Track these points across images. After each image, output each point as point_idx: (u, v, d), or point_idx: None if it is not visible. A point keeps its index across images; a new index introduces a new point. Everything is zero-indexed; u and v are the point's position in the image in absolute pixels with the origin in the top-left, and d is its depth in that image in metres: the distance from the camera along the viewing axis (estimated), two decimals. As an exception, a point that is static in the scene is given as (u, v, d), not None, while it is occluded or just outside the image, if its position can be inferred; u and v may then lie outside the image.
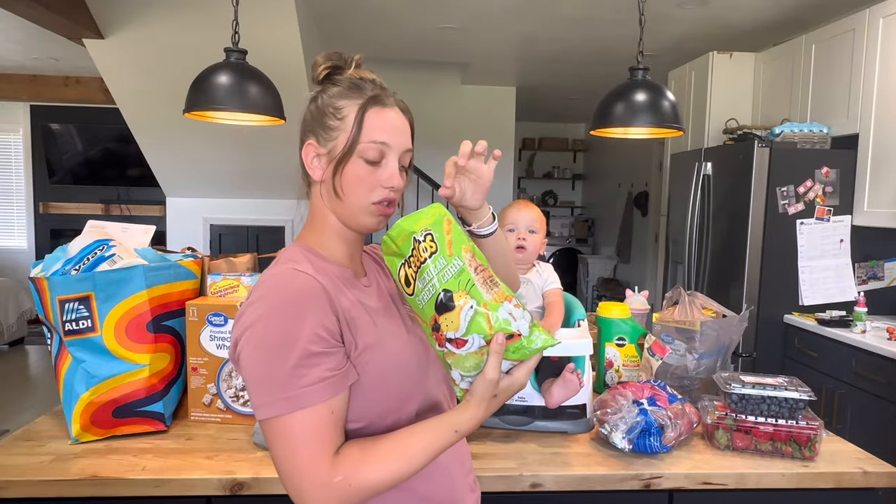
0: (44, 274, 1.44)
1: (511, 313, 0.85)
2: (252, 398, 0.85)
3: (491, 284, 0.88)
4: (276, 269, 0.91)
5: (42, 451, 1.37)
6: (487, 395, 0.86)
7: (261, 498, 1.28)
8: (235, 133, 4.36)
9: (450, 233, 0.90)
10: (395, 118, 0.96)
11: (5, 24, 4.35)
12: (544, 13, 3.93)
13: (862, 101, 3.01)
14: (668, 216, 4.15)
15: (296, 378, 0.83)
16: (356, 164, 0.94)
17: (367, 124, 0.93)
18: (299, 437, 0.83)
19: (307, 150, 0.97)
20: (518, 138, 7.73)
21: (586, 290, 7.48)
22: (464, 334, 0.85)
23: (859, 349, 2.63)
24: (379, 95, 0.95)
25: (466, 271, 0.87)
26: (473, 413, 0.87)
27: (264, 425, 0.85)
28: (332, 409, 0.85)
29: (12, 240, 7.03)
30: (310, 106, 0.98)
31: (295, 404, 0.83)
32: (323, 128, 0.95)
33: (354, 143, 0.93)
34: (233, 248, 5.47)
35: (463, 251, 0.89)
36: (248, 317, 0.87)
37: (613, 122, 1.99)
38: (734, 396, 1.43)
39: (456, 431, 0.87)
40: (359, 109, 0.93)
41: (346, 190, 0.94)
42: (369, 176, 0.94)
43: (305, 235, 1.00)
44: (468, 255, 0.89)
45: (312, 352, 0.84)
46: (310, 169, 0.97)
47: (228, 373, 1.53)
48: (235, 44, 2.17)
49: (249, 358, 0.85)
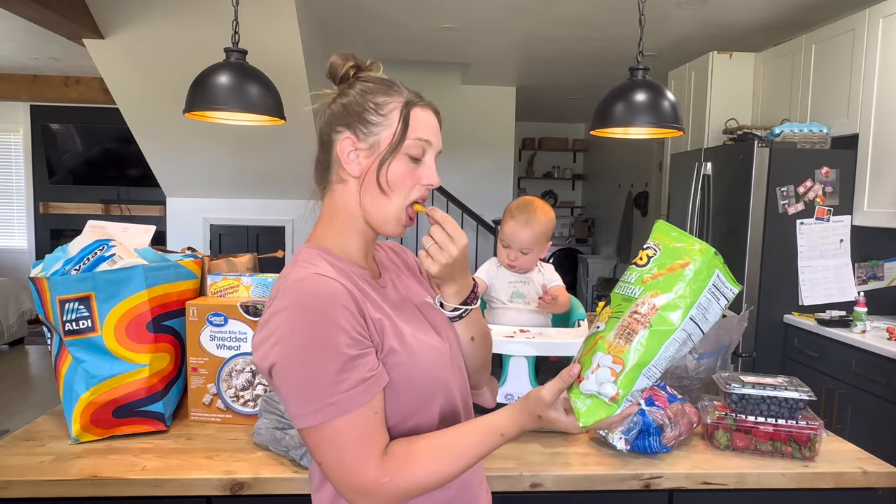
0: (44, 274, 1.44)
1: (640, 389, 0.83)
2: (291, 409, 0.85)
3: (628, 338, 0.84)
4: (297, 275, 0.89)
5: (42, 451, 1.37)
6: (535, 410, 0.87)
7: (261, 498, 1.28)
8: (235, 133, 4.36)
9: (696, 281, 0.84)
10: (431, 119, 0.98)
11: (5, 24, 4.35)
12: (544, 13, 3.93)
13: (862, 101, 3.01)
14: (668, 216, 4.15)
15: (337, 384, 0.83)
16: (401, 161, 0.94)
17: (413, 122, 0.94)
18: (347, 441, 0.83)
19: (344, 145, 0.95)
20: (518, 138, 7.72)
21: (586, 290, 7.47)
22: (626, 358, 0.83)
23: (859, 349, 2.63)
24: (416, 96, 0.97)
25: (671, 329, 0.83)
26: (518, 419, 0.88)
27: (308, 433, 0.85)
28: (375, 409, 0.86)
29: (12, 240, 7.03)
30: (340, 100, 0.97)
31: (340, 409, 0.83)
32: (362, 122, 0.95)
33: (401, 139, 0.94)
34: (233, 248, 5.47)
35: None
36: (276, 326, 0.85)
37: (613, 122, 1.99)
38: (734, 396, 1.43)
39: (502, 435, 0.88)
40: (403, 107, 0.95)
41: (392, 186, 0.94)
42: (412, 173, 0.95)
43: (321, 234, 0.99)
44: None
45: (350, 355, 0.84)
46: (347, 163, 0.95)
47: (228, 373, 1.53)
48: (235, 44, 2.17)
49: (285, 369, 0.84)
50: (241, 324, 1.52)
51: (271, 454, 1.36)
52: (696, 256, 0.83)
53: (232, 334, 1.52)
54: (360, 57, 1.00)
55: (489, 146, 6.36)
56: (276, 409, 1.38)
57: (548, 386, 0.87)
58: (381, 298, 0.96)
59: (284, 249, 5.38)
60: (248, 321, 1.52)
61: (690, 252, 0.84)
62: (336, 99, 0.98)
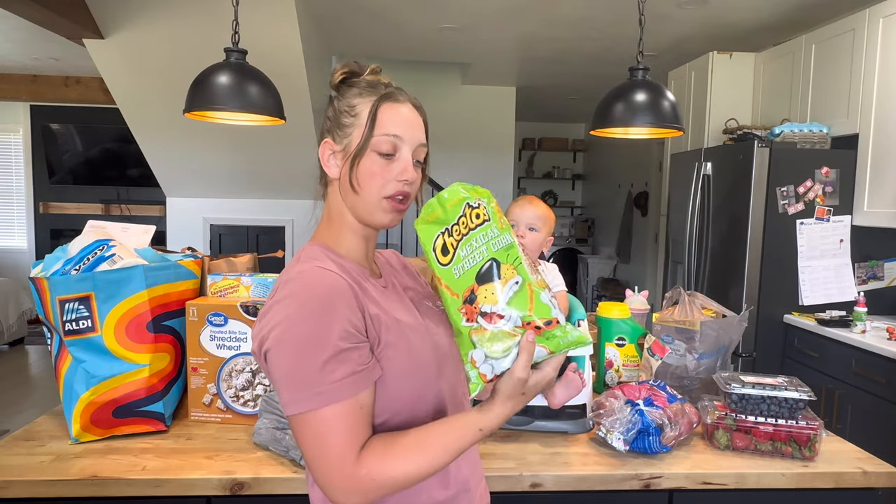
0: (44, 274, 1.44)
1: (551, 300, 0.83)
2: (281, 394, 0.86)
3: (533, 269, 0.85)
4: (301, 268, 0.91)
5: (42, 451, 1.37)
6: (515, 392, 0.86)
7: (261, 498, 1.28)
8: (235, 133, 4.36)
9: (499, 212, 0.88)
10: (407, 113, 0.97)
11: (5, 24, 4.35)
12: (544, 13, 3.93)
13: (862, 102, 3.01)
14: (668, 216, 4.15)
15: (326, 374, 0.84)
16: (370, 158, 0.95)
17: (380, 118, 0.95)
18: (329, 432, 0.84)
19: (323, 149, 0.99)
20: (518, 138, 7.72)
21: (586, 290, 7.48)
22: (502, 309, 0.82)
23: (859, 349, 2.63)
24: (392, 92, 0.97)
25: (515, 248, 0.85)
26: (499, 411, 0.87)
27: (294, 421, 0.86)
28: (361, 403, 0.86)
29: (12, 240, 7.03)
30: (327, 110, 1.00)
31: (326, 399, 0.84)
32: (338, 126, 0.97)
33: (368, 138, 0.94)
34: (233, 248, 5.47)
35: (511, 232, 0.87)
36: (275, 314, 0.87)
37: (613, 122, 1.99)
38: (734, 396, 1.43)
39: (480, 430, 0.87)
40: (372, 105, 0.95)
41: (362, 184, 0.95)
42: (383, 170, 0.95)
43: (322, 234, 1.01)
44: (515, 237, 0.86)
45: (342, 348, 0.85)
46: (326, 167, 0.99)
47: (228, 373, 1.53)
48: (235, 44, 2.17)
49: (279, 355, 0.86)
50: (241, 324, 1.52)
51: (271, 454, 1.36)
52: (484, 194, 0.90)
53: (232, 334, 1.52)
54: (364, 63, 1.01)
55: (489, 146, 6.36)
56: (276, 409, 1.38)
57: (516, 365, 0.84)
58: (381, 296, 0.97)
59: (284, 249, 5.38)
60: (248, 321, 1.52)
61: (481, 193, 0.90)
62: (327, 109, 1.01)
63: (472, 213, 0.87)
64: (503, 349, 0.83)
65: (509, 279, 0.83)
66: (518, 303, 0.82)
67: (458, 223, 0.88)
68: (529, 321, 0.82)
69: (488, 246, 0.85)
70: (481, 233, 0.86)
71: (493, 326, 0.83)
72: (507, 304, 0.82)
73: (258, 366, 1.51)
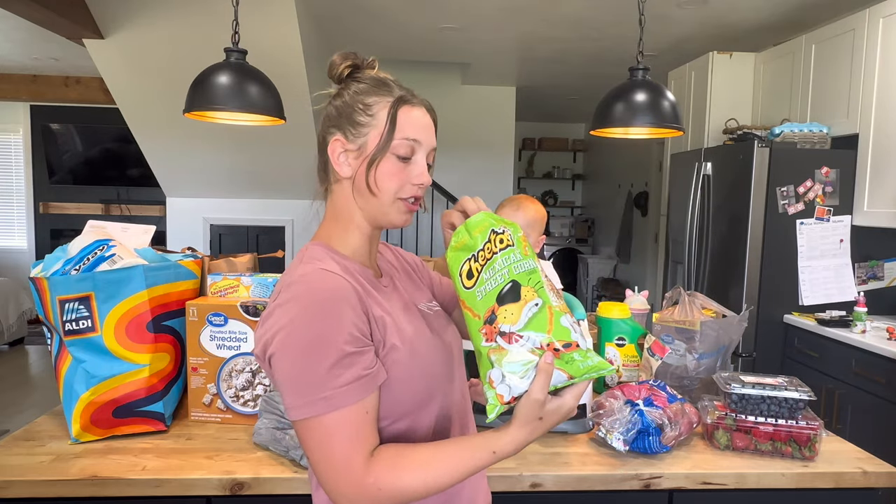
0: (44, 274, 1.44)
1: (572, 325, 0.84)
2: (286, 399, 0.85)
3: (557, 295, 0.85)
4: (303, 270, 0.90)
5: (42, 451, 1.37)
6: (532, 416, 0.83)
7: (261, 498, 1.28)
8: (235, 133, 4.36)
9: (525, 241, 0.89)
10: (422, 117, 0.97)
11: (5, 24, 4.35)
12: (544, 13, 3.93)
13: (862, 102, 3.01)
14: (668, 216, 4.15)
15: (332, 378, 0.83)
16: (389, 161, 0.94)
17: (400, 121, 0.94)
18: (336, 437, 0.83)
19: (334, 146, 0.96)
20: (518, 138, 7.73)
21: (586, 290, 7.48)
22: (521, 329, 0.82)
23: (859, 349, 2.63)
24: (408, 95, 0.97)
25: (538, 273, 0.86)
26: (515, 435, 0.84)
27: (299, 426, 0.85)
28: (367, 408, 0.86)
29: (12, 240, 7.03)
30: (334, 102, 0.98)
31: (331, 404, 0.83)
32: (352, 123, 0.95)
33: (388, 141, 0.93)
34: (233, 248, 5.47)
35: (535, 259, 0.88)
36: (278, 318, 0.86)
37: (613, 122, 1.99)
38: (734, 396, 1.43)
39: (494, 453, 0.85)
40: (391, 107, 0.94)
41: (380, 186, 0.94)
42: (400, 172, 0.95)
43: (326, 234, 0.99)
44: (539, 265, 0.87)
45: (348, 352, 0.84)
46: (337, 165, 0.96)
47: (228, 373, 1.53)
48: (235, 44, 2.17)
49: (283, 359, 0.85)
50: (241, 324, 1.52)
51: (271, 454, 1.36)
52: (510, 224, 0.92)
53: (232, 334, 1.52)
54: (362, 55, 1.00)
55: (489, 146, 6.36)
56: (276, 409, 1.38)
57: (533, 386, 0.82)
58: (385, 298, 0.96)
59: (284, 249, 5.38)
60: (248, 321, 1.52)
61: (507, 222, 0.92)
62: (331, 101, 0.99)
63: (497, 239, 0.89)
64: (521, 370, 0.82)
65: (529, 300, 0.83)
66: (537, 325, 0.82)
67: (483, 248, 0.89)
68: (548, 343, 0.82)
69: (510, 269, 0.86)
70: (504, 256, 0.87)
71: (511, 346, 0.83)
72: (526, 324, 0.83)
73: (258, 366, 1.52)
